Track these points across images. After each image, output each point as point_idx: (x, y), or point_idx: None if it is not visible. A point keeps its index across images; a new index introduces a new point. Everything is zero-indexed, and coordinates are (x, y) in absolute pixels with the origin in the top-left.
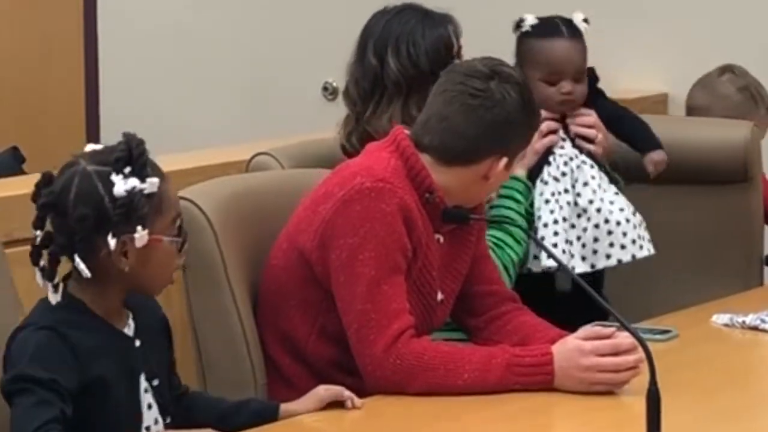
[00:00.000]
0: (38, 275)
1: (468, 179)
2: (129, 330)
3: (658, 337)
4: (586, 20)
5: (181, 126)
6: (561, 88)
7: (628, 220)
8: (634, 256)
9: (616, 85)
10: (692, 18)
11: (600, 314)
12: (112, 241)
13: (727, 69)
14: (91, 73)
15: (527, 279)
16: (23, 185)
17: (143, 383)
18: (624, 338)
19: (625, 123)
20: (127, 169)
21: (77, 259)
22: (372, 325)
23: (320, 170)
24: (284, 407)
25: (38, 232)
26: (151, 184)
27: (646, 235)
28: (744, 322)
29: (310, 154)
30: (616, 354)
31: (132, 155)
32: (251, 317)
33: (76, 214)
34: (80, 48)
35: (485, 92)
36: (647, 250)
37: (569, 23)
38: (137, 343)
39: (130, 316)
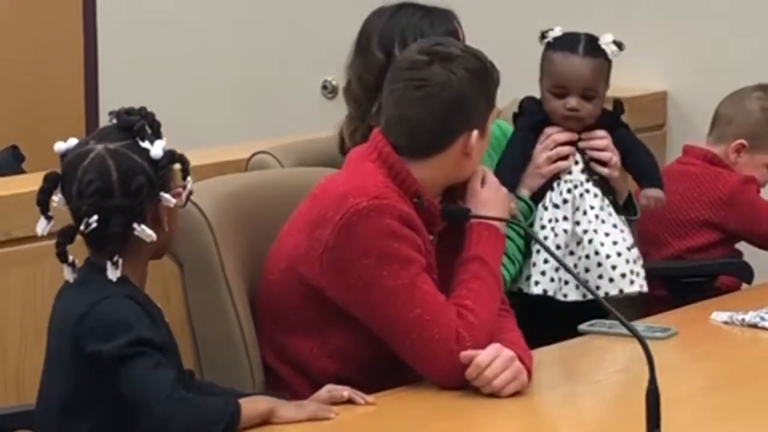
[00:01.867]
0: (68, 270)
1: (448, 163)
2: None
3: (657, 335)
4: (618, 43)
5: (180, 125)
6: (566, 103)
7: (619, 254)
8: (621, 291)
9: (616, 83)
10: (692, 16)
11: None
12: (171, 199)
13: (761, 87)
14: (91, 73)
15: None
16: (23, 184)
17: None
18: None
19: (636, 156)
20: (147, 135)
21: (141, 227)
22: (431, 326)
23: (320, 169)
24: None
25: (92, 221)
26: (164, 144)
27: (641, 272)
28: (743, 319)
29: (310, 153)
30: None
31: (147, 121)
32: (249, 315)
33: (134, 186)
34: (80, 47)
35: (428, 80)
36: (638, 286)
37: (592, 41)
38: (165, 317)
39: None
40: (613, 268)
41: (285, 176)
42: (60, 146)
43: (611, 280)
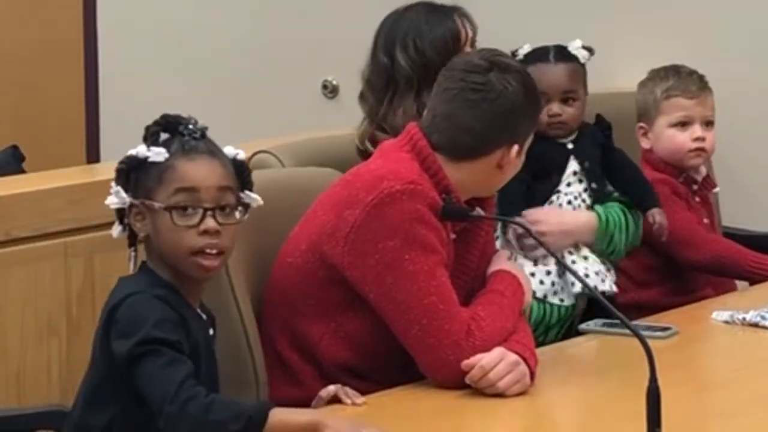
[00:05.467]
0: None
1: (481, 172)
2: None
3: (658, 334)
4: (588, 48)
5: None
6: (548, 109)
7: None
8: (596, 286)
9: (615, 81)
10: (691, 16)
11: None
12: (153, 203)
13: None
14: (91, 73)
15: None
16: (23, 184)
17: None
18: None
19: (630, 180)
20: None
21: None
22: (443, 315)
23: (326, 169)
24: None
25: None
26: (156, 153)
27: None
28: (744, 318)
29: (310, 152)
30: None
31: (161, 126)
32: (252, 315)
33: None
34: (80, 47)
35: (486, 85)
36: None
37: (561, 49)
38: (211, 331)
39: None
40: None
41: (286, 176)
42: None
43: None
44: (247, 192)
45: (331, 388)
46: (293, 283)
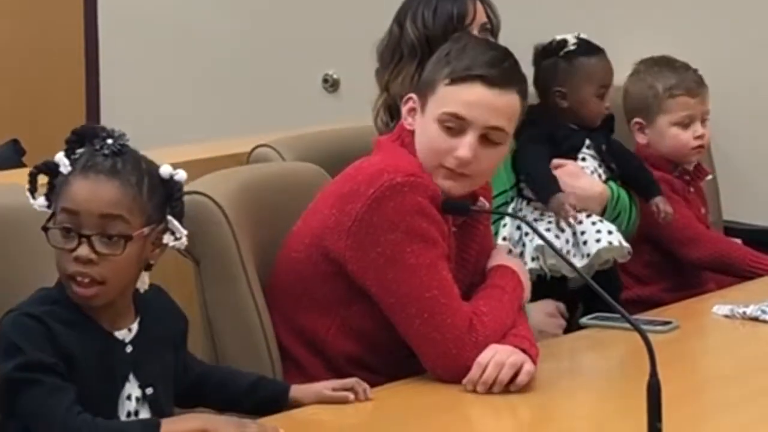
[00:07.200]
0: None
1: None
2: (125, 334)
3: (658, 328)
4: None
5: (181, 119)
6: (605, 103)
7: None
8: (620, 242)
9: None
10: (695, 16)
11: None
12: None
13: (637, 65)
14: (92, 66)
15: (542, 282)
16: (24, 178)
17: (130, 390)
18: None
19: (633, 169)
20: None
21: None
22: (445, 309)
23: (307, 164)
24: (293, 394)
25: None
26: (64, 165)
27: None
28: (745, 312)
29: (311, 146)
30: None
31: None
32: (267, 311)
33: None
34: (81, 41)
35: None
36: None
37: None
38: (129, 348)
39: (137, 321)
40: (601, 221)
41: (288, 169)
42: None
43: (610, 232)
44: (170, 218)
45: (340, 396)
46: (297, 278)
